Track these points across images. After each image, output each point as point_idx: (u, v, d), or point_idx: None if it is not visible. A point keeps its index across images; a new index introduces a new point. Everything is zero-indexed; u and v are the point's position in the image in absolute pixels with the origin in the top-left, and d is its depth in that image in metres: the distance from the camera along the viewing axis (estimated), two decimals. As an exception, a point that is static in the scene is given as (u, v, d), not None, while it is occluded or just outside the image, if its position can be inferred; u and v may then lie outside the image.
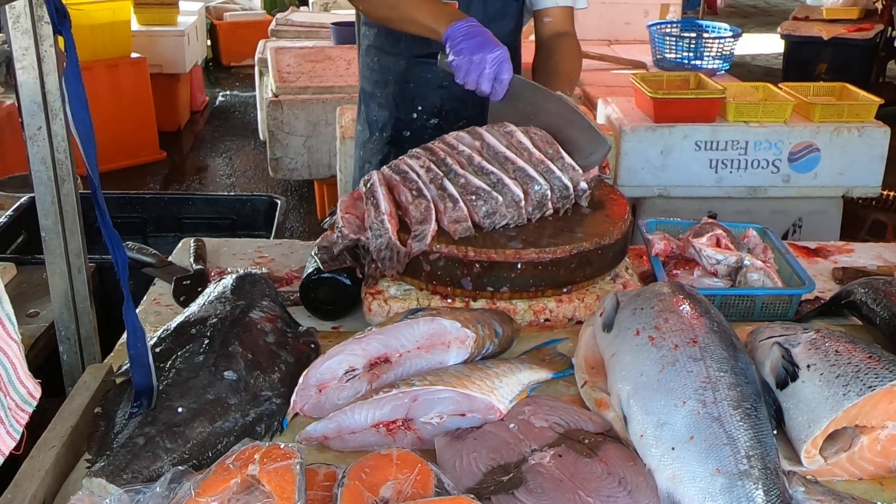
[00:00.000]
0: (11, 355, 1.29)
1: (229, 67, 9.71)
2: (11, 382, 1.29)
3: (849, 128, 4.12)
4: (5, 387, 1.28)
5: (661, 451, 1.33)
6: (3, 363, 1.27)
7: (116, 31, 6.43)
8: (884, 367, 1.43)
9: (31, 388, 1.35)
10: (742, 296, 1.97)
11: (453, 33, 2.13)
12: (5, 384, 1.28)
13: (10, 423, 1.27)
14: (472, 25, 2.15)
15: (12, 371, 1.30)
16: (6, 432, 1.25)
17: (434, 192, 1.92)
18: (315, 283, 1.93)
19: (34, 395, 1.35)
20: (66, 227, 1.67)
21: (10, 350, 1.28)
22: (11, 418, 1.28)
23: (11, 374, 1.29)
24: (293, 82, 5.23)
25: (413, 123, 2.58)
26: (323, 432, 1.48)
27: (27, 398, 1.33)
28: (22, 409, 1.32)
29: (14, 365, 1.30)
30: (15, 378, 1.30)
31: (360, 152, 2.77)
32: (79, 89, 1.41)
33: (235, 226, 3.62)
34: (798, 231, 4.30)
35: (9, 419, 1.27)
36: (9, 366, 1.29)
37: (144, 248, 2.26)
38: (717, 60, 5.34)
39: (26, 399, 1.33)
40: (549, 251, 1.85)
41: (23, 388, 1.32)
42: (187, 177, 6.85)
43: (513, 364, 1.64)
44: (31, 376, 1.34)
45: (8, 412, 1.27)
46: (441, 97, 2.51)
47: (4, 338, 1.27)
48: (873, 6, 8.25)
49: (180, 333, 1.62)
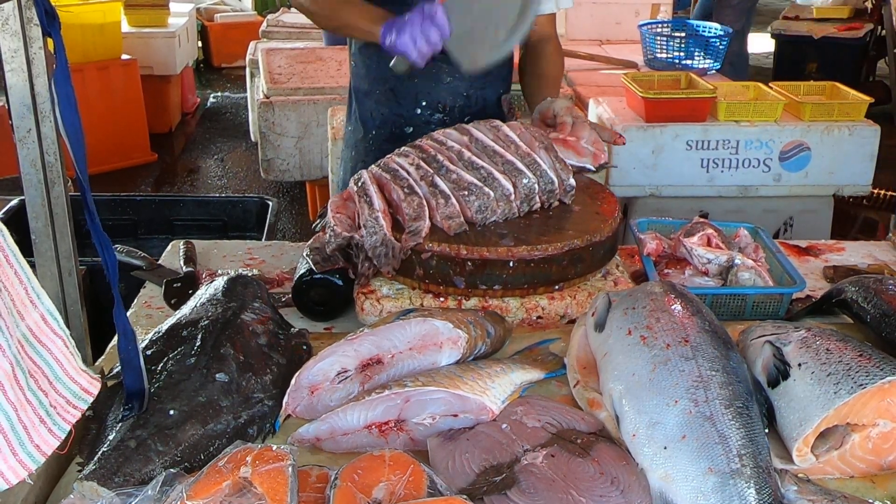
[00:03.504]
0: (57, 351, 1.26)
1: (220, 69, 9.69)
2: (59, 379, 1.25)
3: (839, 127, 4.13)
4: (52, 384, 1.25)
5: (653, 451, 1.34)
6: (48, 360, 1.25)
7: (107, 32, 6.41)
8: (875, 366, 1.43)
9: (85, 384, 1.30)
10: (733, 295, 1.97)
11: (386, 27, 2.16)
12: (51, 381, 1.24)
13: (55, 422, 1.23)
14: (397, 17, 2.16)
15: (58, 368, 1.26)
16: (48, 431, 1.21)
17: (425, 189, 1.92)
18: (307, 285, 1.93)
19: (89, 392, 1.30)
20: (56, 230, 1.67)
21: (54, 346, 1.26)
22: (56, 416, 1.23)
23: (58, 370, 1.26)
24: (284, 83, 5.22)
25: (416, 118, 2.55)
26: (315, 434, 1.48)
27: (80, 394, 1.29)
28: (74, 405, 1.27)
29: (60, 361, 1.27)
30: (63, 374, 1.26)
31: (351, 152, 2.75)
32: (68, 91, 1.40)
33: (227, 227, 3.62)
34: (789, 230, 4.31)
35: (52, 418, 1.23)
36: (53, 362, 1.25)
37: (133, 251, 2.25)
38: (708, 60, 5.35)
39: (79, 395, 1.29)
40: (541, 248, 1.85)
41: (74, 384, 1.28)
42: (178, 178, 6.84)
43: (505, 364, 1.64)
44: (85, 371, 1.31)
45: (51, 410, 1.23)
46: (446, 93, 2.50)
47: (48, 334, 1.25)
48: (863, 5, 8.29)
49: (171, 336, 1.62)
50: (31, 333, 1.23)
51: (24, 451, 1.16)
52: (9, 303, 1.19)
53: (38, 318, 1.24)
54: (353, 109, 2.72)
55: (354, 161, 2.71)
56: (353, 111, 2.72)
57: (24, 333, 1.21)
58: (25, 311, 1.23)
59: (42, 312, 1.25)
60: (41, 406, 1.21)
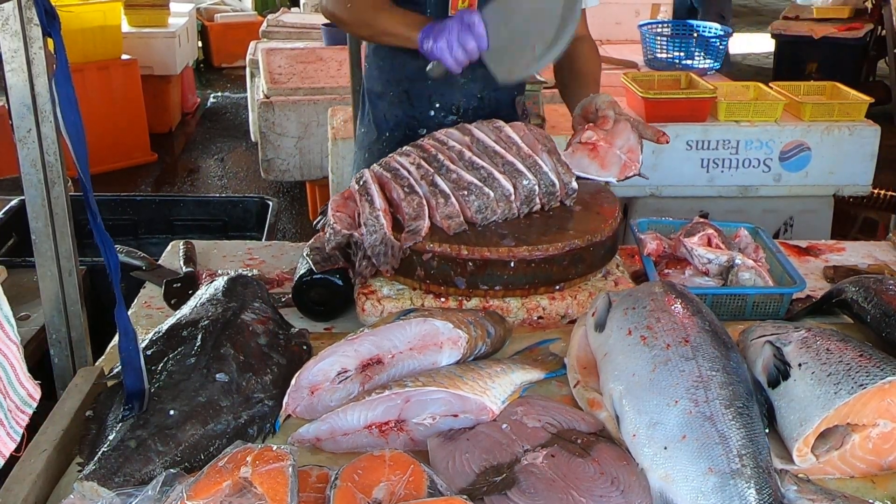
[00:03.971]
0: (11, 357, 1.28)
1: (220, 69, 9.69)
2: (11, 384, 1.28)
3: (839, 127, 4.13)
4: (5, 389, 1.27)
5: (653, 451, 1.33)
6: (3, 365, 1.26)
7: (107, 32, 6.41)
8: (875, 366, 1.43)
9: (31, 390, 1.33)
10: (733, 295, 1.97)
11: (424, 33, 2.16)
12: (5, 386, 1.27)
13: (11, 426, 1.25)
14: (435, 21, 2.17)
15: (12, 373, 1.28)
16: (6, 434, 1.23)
17: (425, 188, 1.92)
18: (308, 285, 1.93)
19: (34, 397, 1.34)
20: (56, 230, 1.67)
21: (9, 352, 1.27)
22: (12, 420, 1.26)
23: (11, 375, 1.28)
24: (284, 83, 5.23)
25: (430, 120, 2.54)
26: (315, 434, 1.48)
27: (27, 400, 1.32)
28: (22, 410, 1.30)
29: (13, 367, 1.29)
30: (15, 380, 1.29)
31: (364, 154, 2.72)
32: (69, 91, 1.40)
33: (227, 227, 3.62)
34: (789, 230, 4.31)
35: (9, 421, 1.25)
36: (8, 367, 1.28)
37: (133, 251, 2.25)
38: (708, 60, 5.35)
39: (26, 401, 1.32)
40: (542, 248, 1.85)
41: (23, 389, 1.31)
42: (179, 178, 6.84)
43: (505, 364, 1.64)
44: (30, 378, 1.33)
45: (8, 414, 1.25)
46: (460, 95, 2.50)
47: (4, 340, 1.27)
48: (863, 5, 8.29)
49: (172, 336, 1.62)
50: None
51: None
52: None
53: None
54: (366, 111, 2.70)
55: (368, 163, 2.69)
56: (366, 113, 2.70)
57: None
58: None
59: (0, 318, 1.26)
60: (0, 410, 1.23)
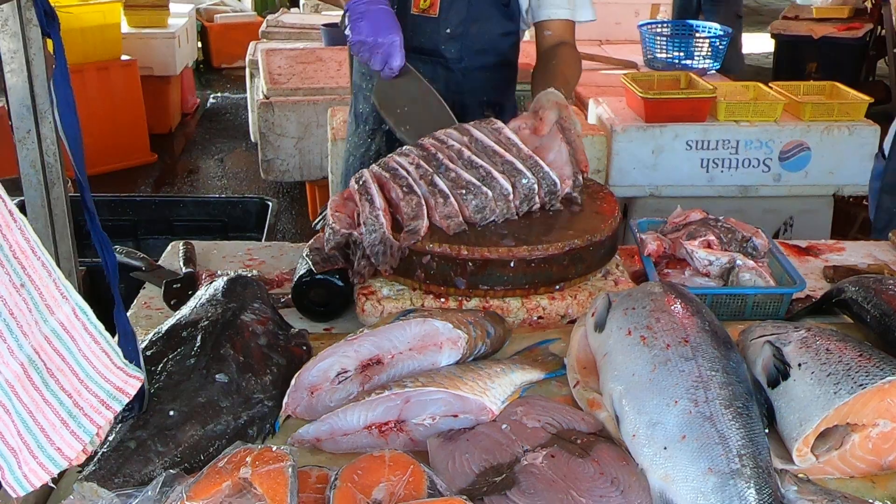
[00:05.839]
0: (86, 348, 1.18)
1: (220, 69, 9.69)
2: (90, 377, 1.18)
3: (839, 126, 4.13)
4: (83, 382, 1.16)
5: (653, 451, 1.33)
6: (77, 357, 1.17)
7: (107, 33, 6.42)
8: (874, 366, 1.43)
9: (120, 382, 1.22)
10: (733, 295, 1.97)
11: (353, 7, 2.18)
12: (81, 380, 1.17)
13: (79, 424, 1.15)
14: (371, 2, 2.18)
15: (88, 365, 1.18)
16: (71, 433, 1.14)
17: (424, 188, 1.92)
18: (307, 285, 1.93)
19: (124, 391, 1.22)
20: (55, 231, 1.67)
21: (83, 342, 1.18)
22: (82, 418, 1.15)
23: (88, 368, 1.18)
24: (284, 84, 5.23)
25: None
26: (315, 434, 1.48)
27: (114, 393, 1.20)
28: (107, 405, 1.19)
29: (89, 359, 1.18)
30: (93, 372, 1.19)
31: (347, 145, 2.80)
32: (67, 92, 1.40)
33: (227, 228, 3.62)
34: (789, 230, 4.31)
35: (76, 419, 1.15)
36: (83, 360, 1.18)
37: (133, 251, 2.25)
38: (708, 60, 5.35)
39: (113, 394, 1.20)
40: (542, 248, 1.85)
41: (107, 382, 1.20)
42: (178, 179, 6.84)
43: (505, 365, 1.63)
44: (122, 368, 1.23)
45: (76, 411, 1.14)
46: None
47: (79, 330, 1.18)
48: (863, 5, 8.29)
49: (171, 336, 1.62)
50: (62, 328, 1.17)
51: (44, 454, 1.12)
52: (35, 297, 1.13)
53: (69, 313, 1.18)
54: (351, 103, 2.76)
55: (347, 154, 2.75)
56: (351, 105, 2.76)
57: (53, 329, 1.15)
58: (56, 305, 1.16)
59: (73, 306, 1.19)
60: (63, 407, 1.14)
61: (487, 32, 2.51)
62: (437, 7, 2.43)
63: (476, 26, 2.48)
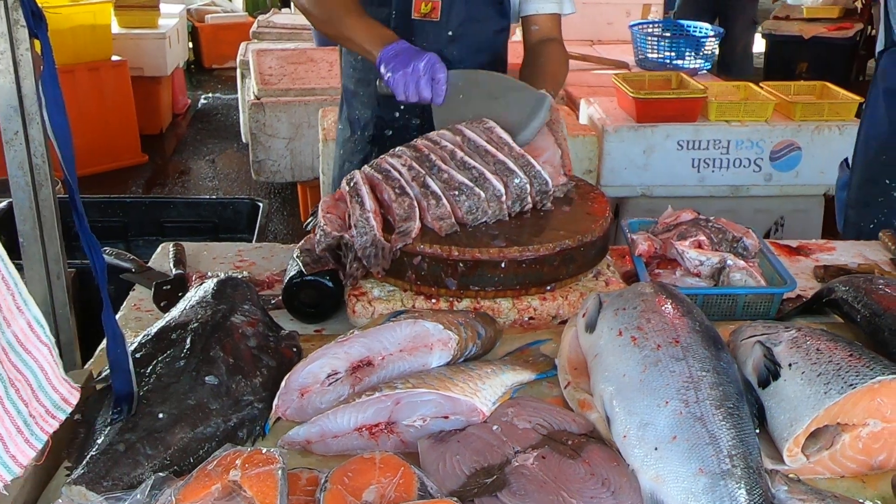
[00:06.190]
0: (41, 359, 1.23)
1: (211, 70, 9.68)
2: (42, 388, 1.23)
3: (829, 126, 4.15)
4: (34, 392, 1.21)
5: (644, 452, 1.33)
6: (32, 368, 1.21)
7: (97, 33, 6.39)
8: (865, 365, 1.43)
9: (66, 393, 1.27)
10: (724, 295, 1.97)
11: (385, 55, 2.19)
12: (34, 391, 1.21)
13: (32, 432, 1.20)
14: (400, 45, 2.21)
15: (42, 376, 1.23)
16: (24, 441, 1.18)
17: (417, 190, 1.92)
18: (298, 286, 1.92)
19: (69, 401, 1.28)
20: (44, 233, 1.66)
21: (39, 354, 1.23)
22: (35, 427, 1.20)
23: (41, 378, 1.23)
24: (275, 84, 5.22)
25: (395, 122, 2.59)
26: (305, 436, 1.47)
27: (60, 404, 1.26)
28: (53, 415, 1.25)
29: (44, 370, 1.23)
30: (46, 383, 1.24)
31: (339, 151, 2.78)
32: (56, 93, 1.39)
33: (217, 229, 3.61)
34: (780, 230, 4.32)
35: (30, 428, 1.19)
36: (38, 370, 1.23)
37: (123, 253, 2.24)
38: (699, 60, 5.36)
39: (59, 405, 1.26)
40: (533, 249, 1.85)
41: (55, 393, 1.25)
42: (170, 180, 6.82)
43: (496, 366, 1.63)
44: (66, 380, 1.28)
45: (30, 420, 1.20)
46: None
47: (34, 341, 1.22)
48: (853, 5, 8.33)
49: (161, 338, 1.61)
50: (16, 340, 1.20)
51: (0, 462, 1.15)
52: None
53: (24, 325, 1.22)
54: (343, 109, 2.74)
55: (342, 160, 2.74)
56: (343, 110, 2.74)
57: (9, 341, 1.19)
58: (12, 317, 1.20)
59: (28, 319, 1.23)
60: (20, 416, 1.18)
61: (484, 31, 2.52)
62: (438, 10, 2.44)
63: (475, 26, 2.49)
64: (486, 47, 2.55)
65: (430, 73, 2.16)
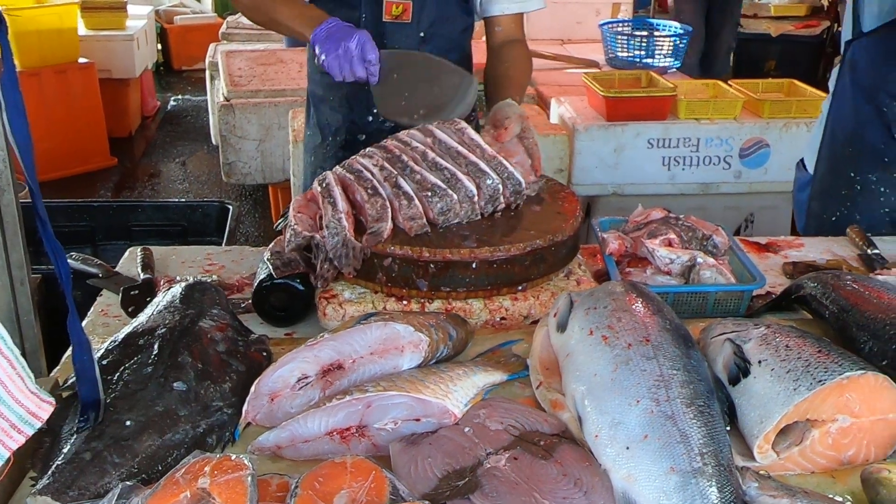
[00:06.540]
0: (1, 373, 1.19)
1: (180, 71, 9.61)
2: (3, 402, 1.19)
3: (797, 123, 4.19)
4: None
5: (615, 451, 1.33)
6: None
7: (63, 36, 6.31)
8: (833, 361, 1.44)
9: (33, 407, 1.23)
10: (694, 293, 1.98)
11: (317, 37, 2.20)
12: None
13: None
14: (332, 25, 2.20)
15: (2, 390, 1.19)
16: None
17: (389, 190, 1.91)
18: (268, 290, 1.91)
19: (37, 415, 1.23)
20: (6, 239, 1.63)
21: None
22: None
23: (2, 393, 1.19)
24: (245, 86, 5.18)
25: (368, 126, 2.57)
26: (276, 442, 1.46)
27: (27, 417, 1.22)
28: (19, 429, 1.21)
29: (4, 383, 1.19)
30: (7, 397, 1.19)
31: (310, 157, 2.75)
32: (16, 97, 1.37)
33: (186, 232, 3.58)
34: (750, 226, 4.35)
35: None
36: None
37: (89, 258, 2.21)
38: (669, 58, 5.39)
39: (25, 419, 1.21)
40: (504, 249, 1.85)
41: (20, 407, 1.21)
42: (139, 183, 6.76)
43: (467, 367, 1.63)
44: (35, 393, 1.23)
45: None
46: None
47: None
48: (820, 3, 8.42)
49: (128, 345, 1.59)
50: None
51: None
52: None
53: None
54: (311, 115, 2.71)
55: (314, 167, 2.71)
56: (311, 117, 2.72)
57: None
58: None
59: None
60: None
61: (453, 31, 2.52)
62: (409, 12, 2.43)
63: (445, 26, 2.49)
64: (455, 46, 2.55)
65: (362, 53, 2.17)
